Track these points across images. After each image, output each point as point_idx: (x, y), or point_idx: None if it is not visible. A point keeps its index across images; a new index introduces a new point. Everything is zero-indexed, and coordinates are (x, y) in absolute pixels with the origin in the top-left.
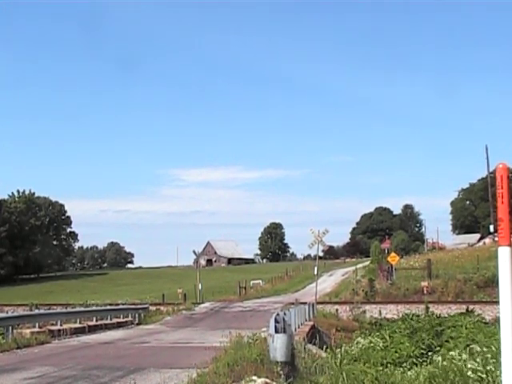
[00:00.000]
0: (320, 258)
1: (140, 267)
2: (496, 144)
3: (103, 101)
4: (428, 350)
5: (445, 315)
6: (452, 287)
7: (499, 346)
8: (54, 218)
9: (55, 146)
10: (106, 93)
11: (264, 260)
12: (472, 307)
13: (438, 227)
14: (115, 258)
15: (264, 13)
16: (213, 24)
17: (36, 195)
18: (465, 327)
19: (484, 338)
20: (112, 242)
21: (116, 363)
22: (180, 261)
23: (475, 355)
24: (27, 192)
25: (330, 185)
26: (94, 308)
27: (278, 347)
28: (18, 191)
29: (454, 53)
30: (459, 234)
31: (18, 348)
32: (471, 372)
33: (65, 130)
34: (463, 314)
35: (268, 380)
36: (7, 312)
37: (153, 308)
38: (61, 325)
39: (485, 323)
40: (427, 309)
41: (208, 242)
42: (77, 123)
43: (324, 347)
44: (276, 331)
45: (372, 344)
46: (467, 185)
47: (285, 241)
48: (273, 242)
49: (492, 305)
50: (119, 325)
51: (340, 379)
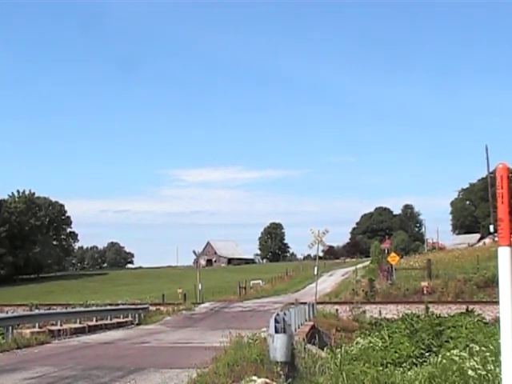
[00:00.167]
0: (320, 258)
1: (140, 267)
2: (496, 144)
3: (103, 101)
4: (428, 350)
5: (445, 315)
6: (452, 287)
7: (499, 346)
8: (54, 218)
9: (55, 146)
10: (106, 93)
11: (264, 260)
12: (472, 307)
13: (438, 227)
14: (115, 258)
15: (264, 13)
16: (213, 24)
17: (36, 195)
18: (465, 327)
19: (484, 338)
20: (112, 242)
21: (116, 363)
22: (180, 261)
23: (475, 355)
24: (27, 192)
25: (330, 185)
26: (94, 308)
27: (278, 347)
28: (18, 191)
29: (454, 53)
30: (459, 234)
31: (18, 348)
32: (471, 371)
33: (65, 130)
34: (463, 314)
35: (268, 380)
36: (7, 312)
37: (153, 308)
38: (61, 325)
39: (485, 323)
40: (427, 309)
41: (208, 242)
42: (77, 123)
43: (324, 347)
44: (276, 331)
45: (372, 344)
46: (467, 185)
47: (285, 241)
48: (273, 242)
49: (492, 305)
50: (119, 325)
51: (340, 379)
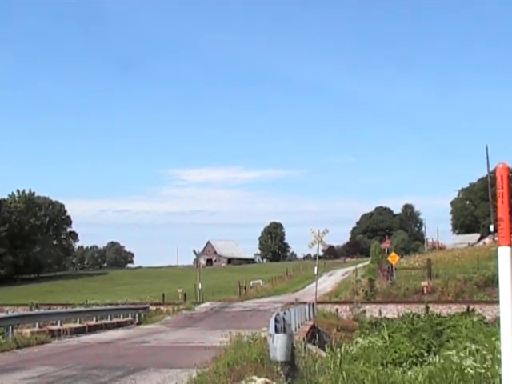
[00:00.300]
0: (320, 258)
1: (140, 267)
2: (496, 144)
3: (103, 101)
4: (428, 350)
5: (445, 315)
6: (452, 287)
7: (499, 346)
8: (54, 218)
9: (55, 146)
10: (106, 93)
11: (264, 260)
12: (472, 307)
13: (438, 227)
14: (115, 258)
15: (263, 13)
16: (213, 24)
17: (36, 195)
18: (465, 327)
19: (484, 338)
20: (112, 242)
21: (116, 363)
22: (180, 261)
23: (474, 354)
24: (27, 192)
25: (330, 185)
26: (94, 308)
27: (278, 347)
28: (18, 191)
29: (454, 53)
30: (459, 234)
31: (18, 348)
32: (469, 369)
33: (65, 130)
34: (464, 314)
35: (268, 380)
36: (7, 312)
37: (153, 308)
38: (61, 325)
39: (485, 323)
40: (427, 309)
41: (208, 242)
42: (77, 123)
43: (324, 347)
44: (276, 331)
45: (372, 344)
46: (467, 185)
47: (285, 241)
48: (273, 242)
49: (492, 305)
50: (119, 324)
51: (340, 379)
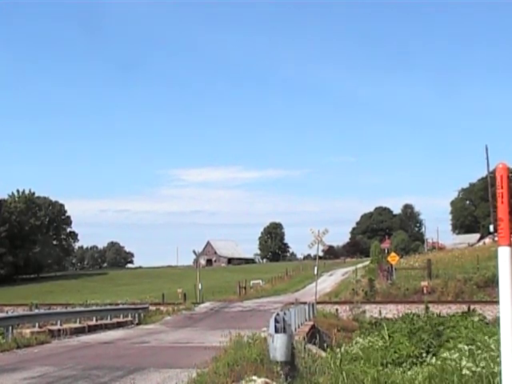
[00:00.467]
0: (320, 258)
1: (140, 267)
2: (496, 144)
3: (103, 101)
4: (428, 350)
5: (445, 315)
6: (452, 287)
7: (499, 346)
8: (54, 218)
9: (55, 146)
10: (106, 93)
11: (264, 260)
12: (472, 307)
13: (438, 227)
14: (115, 258)
15: (264, 13)
16: (213, 24)
17: (36, 195)
18: (465, 327)
19: (484, 338)
20: (112, 242)
21: (116, 363)
22: (180, 261)
23: (474, 354)
24: (27, 192)
25: (330, 185)
26: (94, 308)
27: (278, 347)
28: (18, 191)
29: (455, 52)
30: (459, 234)
31: (18, 348)
32: (469, 371)
33: (65, 130)
34: (464, 314)
35: (268, 380)
36: (7, 312)
37: (153, 308)
38: (61, 325)
39: (485, 323)
40: (427, 309)
41: (208, 242)
42: (77, 123)
43: (324, 347)
44: (276, 331)
45: (372, 344)
46: (467, 185)
47: (285, 241)
48: (273, 242)
49: (492, 305)
50: (119, 325)
51: (340, 379)
